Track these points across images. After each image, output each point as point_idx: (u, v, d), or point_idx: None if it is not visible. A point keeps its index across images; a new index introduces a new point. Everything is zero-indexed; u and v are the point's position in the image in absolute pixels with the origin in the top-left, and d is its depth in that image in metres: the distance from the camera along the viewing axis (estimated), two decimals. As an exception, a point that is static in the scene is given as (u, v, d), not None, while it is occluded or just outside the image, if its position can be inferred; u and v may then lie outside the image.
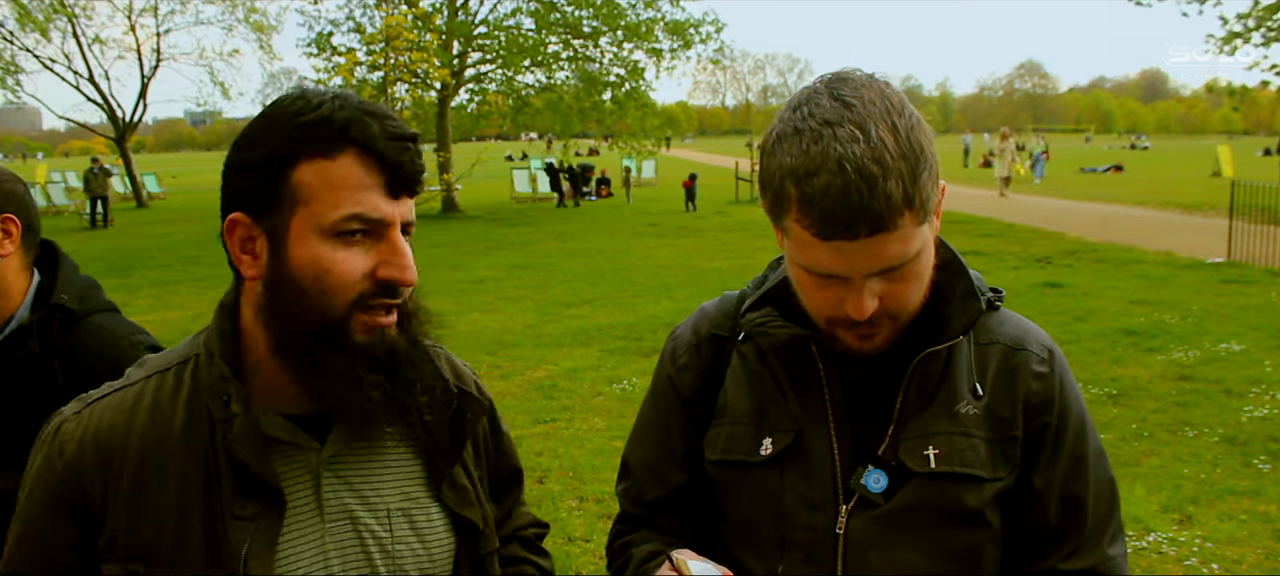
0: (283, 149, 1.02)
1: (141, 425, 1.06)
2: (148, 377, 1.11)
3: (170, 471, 1.05)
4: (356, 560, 1.11)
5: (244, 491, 1.04)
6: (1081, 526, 1.17)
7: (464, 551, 1.20)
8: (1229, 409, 5.89)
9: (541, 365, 7.53)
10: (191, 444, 1.06)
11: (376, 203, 1.03)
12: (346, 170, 1.02)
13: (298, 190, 1.02)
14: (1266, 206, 11.55)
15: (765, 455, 1.19)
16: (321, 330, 1.03)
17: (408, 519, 1.15)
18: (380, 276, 1.04)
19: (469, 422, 1.21)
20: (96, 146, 53.65)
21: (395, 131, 1.04)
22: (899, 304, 1.10)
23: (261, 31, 29.22)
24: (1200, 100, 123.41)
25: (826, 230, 1.01)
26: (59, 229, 21.10)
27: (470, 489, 1.22)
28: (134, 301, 10.80)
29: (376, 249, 1.04)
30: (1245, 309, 8.77)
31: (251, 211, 1.04)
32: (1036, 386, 1.17)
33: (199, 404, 1.07)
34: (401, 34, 18.50)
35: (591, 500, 4.76)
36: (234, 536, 1.03)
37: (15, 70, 26.96)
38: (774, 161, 1.05)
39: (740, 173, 24.26)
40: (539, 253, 14.83)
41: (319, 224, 1.02)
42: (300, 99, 1.04)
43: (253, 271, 1.06)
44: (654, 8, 23.80)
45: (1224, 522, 4.31)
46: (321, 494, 1.10)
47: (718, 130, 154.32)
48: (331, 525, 1.10)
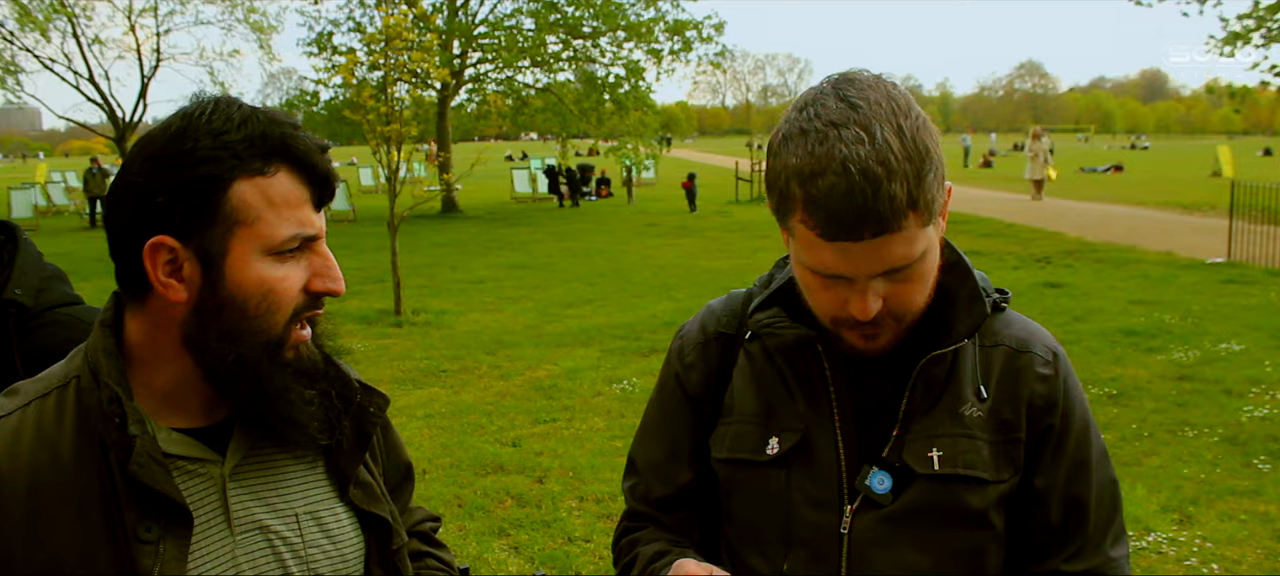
0: (216, 168, 0.98)
1: (28, 455, 1.00)
2: (24, 406, 1.04)
3: (65, 500, 0.99)
4: (271, 570, 1.08)
5: (147, 513, 1.00)
6: (1083, 527, 1.18)
7: (374, 549, 1.19)
8: (1229, 409, 5.89)
9: (541, 365, 7.53)
10: (84, 470, 1.00)
11: (309, 217, 1.04)
12: (284, 187, 1.01)
13: (237, 211, 0.99)
14: (1266, 206, 11.56)
15: (772, 454, 1.20)
16: (263, 349, 1.03)
17: (317, 521, 1.13)
18: (314, 288, 1.05)
19: (372, 418, 1.19)
20: (97, 146, 53.68)
21: (321, 144, 1.05)
22: (903, 305, 1.10)
23: (261, 32, 29.16)
24: (1200, 100, 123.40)
25: (831, 231, 1.02)
26: (59, 229, 21.12)
27: (375, 485, 1.21)
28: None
29: (308, 261, 1.05)
30: (1245, 309, 8.77)
31: (180, 234, 0.99)
32: (1041, 388, 1.18)
33: (88, 427, 1.02)
34: (401, 34, 18.47)
35: (591, 500, 4.76)
36: (143, 561, 0.99)
37: (15, 70, 26.93)
38: (780, 162, 1.06)
39: (740, 173, 24.26)
40: (539, 253, 14.83)
41: (263, 244, 1.00)
42: (217, 112, 1.01)
43: (180, 296, 1.01)
44: (654, 8, 23.78)
45: (1224, 522, 4.31)
46: (229, 507, 1.07)
47: (718, 130, 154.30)
48: (242, 537, 1.07)
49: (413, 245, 14.06)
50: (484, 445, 5.62)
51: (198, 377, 1.05)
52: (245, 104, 1.03)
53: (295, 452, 1.13)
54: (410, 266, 11.45)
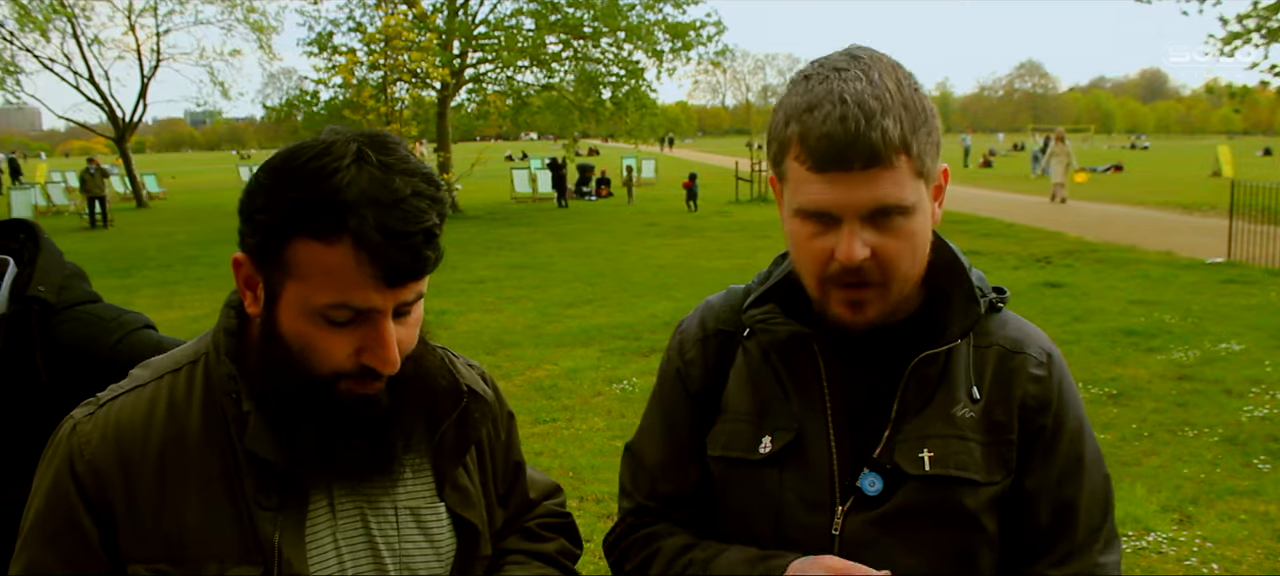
0: (282, 220, 0.99)
1: (160, 424, 1.07)
2: (158, 378, 1.11)
3: (192, 468, 1.06)
4: (365, 558, 1.12)
5: (266, 484, 1.06)
6: (1072, 531, 1.17)
7: (461, 554, 1.20)
8: (1229, 409, 5.89)
9: (541, 365, 7.53)
10: (210, 440, 1.07)
11: (367, 294, 0.99)
12: (341, 259, 0.97)
13: (292, 265, 1.00)
14: (1266, 206, 11.56)
15: (765, 453, 1.19)
16: (304, 389, 1.04)
17: (415, 518, 1.16)
18: (363, 361, 1.04)
19: (475, 423, 1.21)
20: (96, 146, 53.63)
21: (397, 229, 0.97)
22: (890, 263, 1.08)
23: (261, 31, 29.21)
24: (1200, 100, 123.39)
25: (822, 161, 1.04)
26: (59, 229, 21.11)
27: (472, 490, 1.22)
28: (134, 302, 10.79)
29: (363, 332, 1.03)
30: (1245, 309, 8.77)
31: (254, 260, 1.04)
32: (1034, 389, 1.17)
33: (213, 401, 1.08)
34: (401, 34, 18.50)
35: (591, 500, 4.76)
36: (263, 528, 1.05)
37: (15, 70, 26.95)
38: (781, 109, 1.09)
39: (740, 173, 24.26)
40: (539, 253, 14.83)
41: (308, 303, 1.01)
42: (321, 155, 0.99)
43: (254, 309, 1.07)
44: (655, 10, 23.78)
45: (1224, 522, 4.31)
46: (333, 492, 1.11)
47: (718, 130, 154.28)
48: (342, 521, 1.11)
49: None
50: (484, 445, 5.61)
51: None
52: (353, 152, 0.99)
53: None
54: (410, 266, 11.41)
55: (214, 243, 17.21)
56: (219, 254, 15.47)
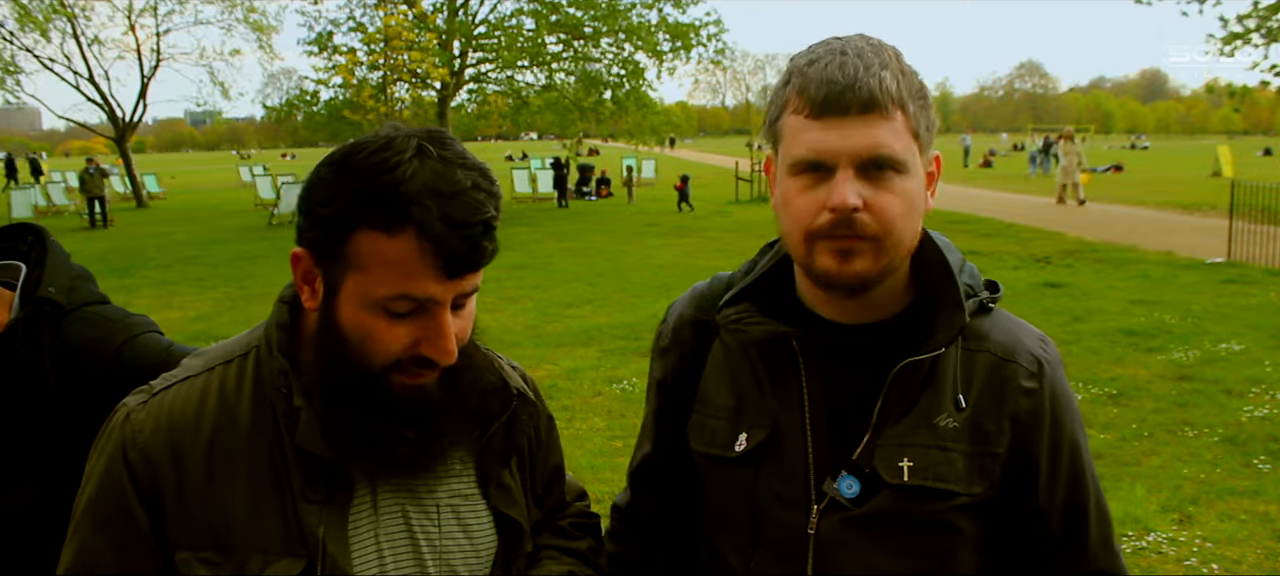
0: (345, 213, 1.00)
1: (211, 415, 1.09)
2: (209, 369, 1.13)
3: (240, 460, 1.07)
4: (405, 554, 1.13)
5: (313, 477, 1.07)
6: (1086, 535, 1.17)
7: (503, 551, 1.22)
8: (1229, 409, 5.89)
9: (541, 365, 7.53)
10: (259, 433, 1.08)
11: (427, 285, 1.02)
12: (403, 250, 0.99)
13: (353, 257, 1.02)
14: (1266, 206, 11.56)
15: (740, 450, 1.19)
16: (358, 382, 1.06)
17: (456, 515, 1.18)
18: (419, 352, 1.06)
19: (523, 426, 1.24)
20: (96, 146, 53.58)
21: (459, 219, 1.00)
22: (884, 217, 1.06)
23: (261, 31, 29.19)
24: (1200, 100, 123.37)
25: (820, 107, 1.05)
26: (59, 229, 21.10)
27: (515, 489, 1.25)
28: (134, 302, 10.78)
29: (421, 323, 1.05)
30: (1245, 309, 8.77)
31: (314, 255, 1.06)
32: (1025, 403, 1.14)
33: (263, 394, 1.10)
34: (401, 34, 18.51)
35: (592, 500, 4.76)
36: (309, 520, 1.06)
37: (15, 70, 26.94)
38: (779, 80, 1.12)
39: (740, 173, 24.26)
40: (539, 253, 14.83)
41: (368, 294, 1.02)
42: (381, 150, 1.00)
43: (311, 304, 1.08)
44: (655, 10, 23.78)
45: (1224, 522, 4.31)
46: (376, 489, 1.13)
47: (718, 130, 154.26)
48: (384, 518, 1.13)
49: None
50: (484, 445, 5.61)
51: None
52: (414, 148, 1.00)
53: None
54: (410, 266, 11.41)
55: (214, 243, 17.21)
56: (219, 254, 15.47)
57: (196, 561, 1.05)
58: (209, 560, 1.05)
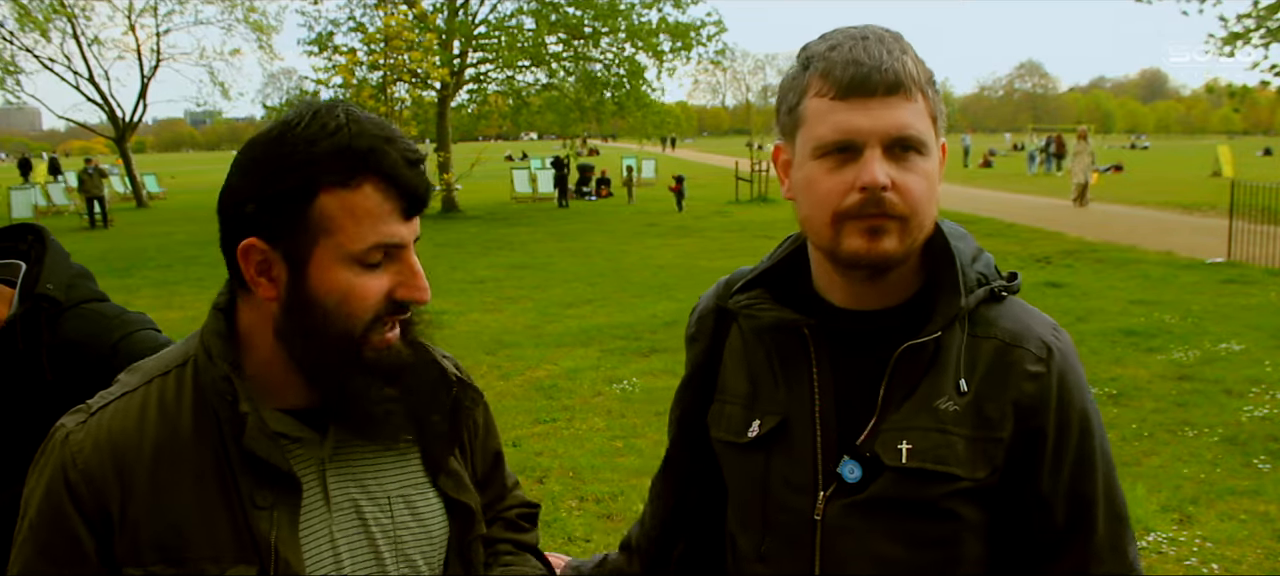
0: (302, 180, 1.02)
1: (152, 428, 1.08)
2: (147, 382, 1.12)
3: (186, 471, 1.07)
4: (362, 547, 1.14)
5: (261, 483, 1.07)
6: (1093, 529, 1.15)
7: (456, 536, 1.24)
8: (1229, 409, 5.89)
9: (541, 365, 7.53)
10: (202, 443, 1.08)
11: (396, 228, 1.06)
12: (368, 199, 1.04)
13: (321, 221, 1.03)
14: (1266, 206, 11.56)
15: (752, 437, 1.21)
16: (341, 348, 1.07)
17: (408, 505, 1.19)
18: (398, 296, 1.09)
19: (467, 411, 1.25)
20: (96, 146, 53.56)
21: (411, 156, 1.06)
22: (909, 198, 1.08)
23: (261, 31, 29.22)
24: (1200, 100, 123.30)
25: (847, 88, 1.07)
26: (59, 229, 21.09)
27: (463, 474, 1.27)
28: (134, 302, 10.78)
29: (393, 269, 1.08)
30: (1245, 309, 8.77)
31: (268, 238, 1.05)
32: (1029, 388, 1.13)
33: (205, 404, 1.09)
34: (402, 34, 18.48)
35: (591, 500, 4.76)
36: (259, 526, 1.06)
37: (15, 70, 26.95)
38: (792, 68, 1.14)
39: (740, 173, 24.25)
40: (539, 253, 14.83)
41: (344, 253, 1.04)
42: (313, 121, 1.04)
43: (270, 293, 1.07)
44: (655, 9, 23.76)
45: (1224, 522, 4.31)
46: (328, 485, 1.13)
47: (718, 130, 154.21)
48: (337, 514, 1.13)
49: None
50: (484, 445, 5.61)
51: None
52: (342, 113, 1.05)
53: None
54: (410, 266, 11.41)
55: (214, 243, 16.83)
56: (218, 254, 15.37)
57: None
58: (158, 574, 1.04)
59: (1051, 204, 20.44)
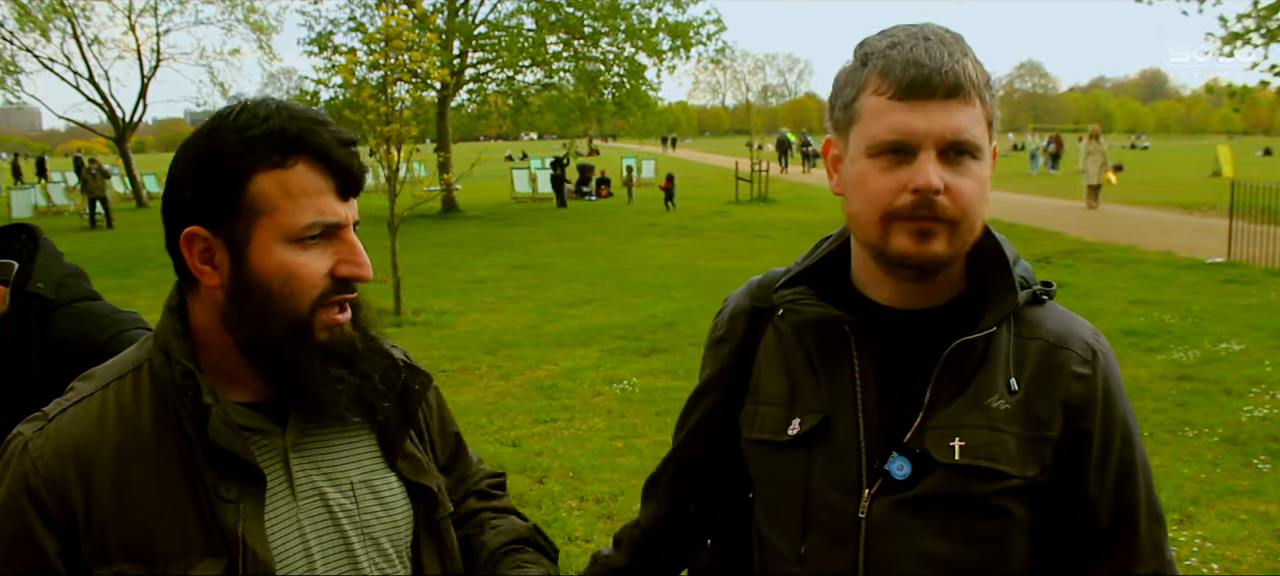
0: (238, 163, 1.06)
1: (113, 430, 1.09)
2: (103, 387, 1.13)
3: (149, 470, 1.07)
4: (330, 534, 1.16)
5: (225, 475, 1.08)
6: (1136, 531, 1.17)
7: (422, 517, 1.25)
8: (1229, 409, 5.89)
9: (541, 365, 7.53)
10: (164, 441, 1.09)
11: (333, 205, 1.10)
12: (302, 178, 1.08)
13: (257, 201, 1.07)
14: (1266, 206, 11.56)
15: (793, 435, 1.20)
16: (289, 330, 1.09)
17: (371, 490, 1.21)
18: (339, 274, 1.11)
19: (417, 395, 1.26)
20: (96, 147, 53.54)
21: (343, 137, 1.10)
22: (963, 201, 1.08)
23: (261, 31, 29.20)
24: (1200, 100, 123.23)
25: (907, 89, 1.06)
26: (59, 229, 21.11)
27: (422, 458, 1.28)
28: (133, 302, 10.78)
29: (333, 248, 1.11)
30: (1245, 309, 8.77)
31: (209, 224, 1.08)
32: (1078, 388, 1.15)
33: (164, 403, 1.10)
34: (402, 34, 18.42)
35: (591, 500, 4.76)
36: (226, 518, 1.07)
37: (15, 70, 26.94)
38: (850, 63, 1.13)
39: (740, 173, 24.25)
40: (539, 253, 14.83)
41: (282, 232, 1.07)
42: (246, 111, 1.09)
43: (214, 280, 1.10)
44: (655, 8, 23.75)
45: (1224, 522, 4.31)
46: (292, 475, 1.15)
47: (717, 130, 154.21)
48: (304, 503, 1.15)
49: (413, 245, 14.07)
50: (484, 445, 5.61)
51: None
52: (275, 103, 1.10)
53: (350, 425, 1.20)
54: (410, 266, 11.44)
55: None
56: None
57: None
58: (126, 574, 1.04)
59: (1060, 205, 20.39)
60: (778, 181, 25.69)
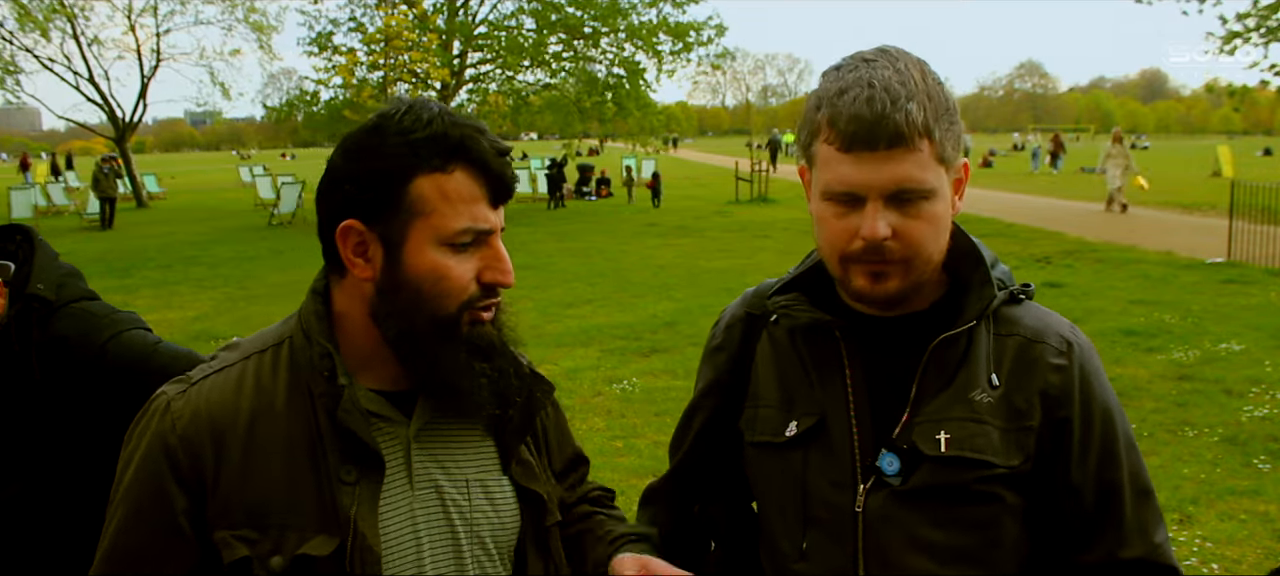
0: (400, 163, 1.10)
1: (249, 401, 1.14)
2: (245, 359, 1.18)
3: (277, 443, 1.12)
4: (440, 526, 1.19)
5: (347, 458, 1.12)
6: (1121, 514, 1.20)
7: (529, 523, 1.28)
8: (1229, 409, 5.89)
9: (541, 365, 7.45)
10: (295, 417, 1.13)
11: (485, 213, 1.13)
12: (460, 184, 1.11)
13: (416, 203, 1.10)
14: (1266, 206, 11.56)
15: (790, 436, 1.25)
16: (436, 327, 1.13)
17: (484, 489, 1.24)
18: (485, 280, 1.15)
19: (539, 402, 1.29)
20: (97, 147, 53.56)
21: (501, 147, 1.14)
22: (912, 243, 1.13)
23: (261, 31, 29.18)
24: (1200, 100, 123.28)
25: (849, 141, 1.10)
26: (59, 229, 21.11)
27: (535, 464, 1.31)
28: (134, 302, 10.78)
29: (481, 254, 1.15)
30: (1245, 309, 8.77)
31: (366, 219, 1.12)
32: (1055, 378, 1.19)
33: (299, 381, 1.15)
34: (402, 34, 18.48)
35: (591, 500, 4.76)
36: (342, 500, 1.11)
37: (15, 70, 26.94)
38: (813, 96, 1.16)
39: (740, 173, 24.25)
40: (539, 253, 14.83)
41: (437, 234, 1.11)
42: (409, 113, 1.11)
43: (366, 273, 1.14)
44: (655, 9, 23.76)
45: (1224, 522, 4.31)
46: (412, 464, 1.18)
47: (717, 130, 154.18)
48: (420, 492, 1.18)
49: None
50: (484, 445, 5.62)
51: (386, 345, 1.17)
52: (436, 106, 1.13)
53: (470, 424, 1.24)
54: (410, 266, 11.41)
55: (214, 243, 17.20)
56: (219, 254, 15.46)
57: (234, 539, 1.09)
58: (246, 537, 1.09)
59: (1051, 204, 20.31)
60: (777, 181, 25.69)
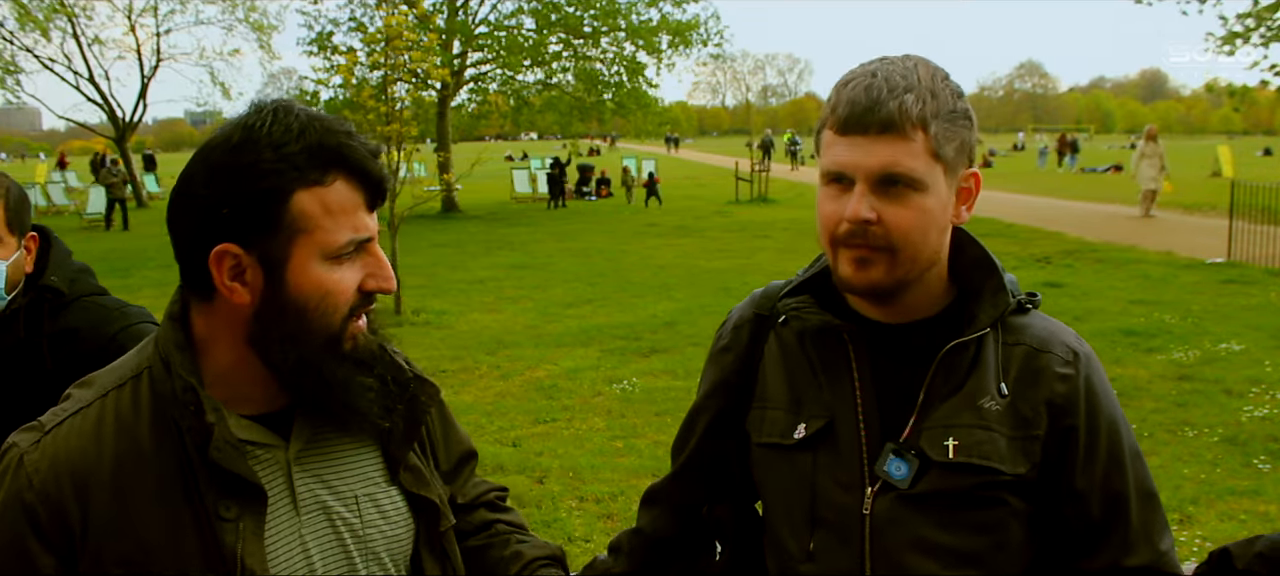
0: (278, 181, 1.02)
1: (111, 443, 1.06)
2: (102, 396, 1.09)
3: (148, 485, 1.05)
4: (332, 548, 1.15)
5: (225, 493, 1.06)
6: (1127, 522, 1.21)
7: (423, 530, 1.24)
8: (1229, 409, 5.89)
9: (541, 365, 7.53)
10: (164, 455, 1.06)
11: (364, 220, 1.09)
12: (340, 195, 1.06)
13: (298, 220, 1.04)
14: (1266, 206, 11.56)
15: (798, 438, 1.25)
16: (323, 346, 1.08)
17: (374, 503, 1.19)
18: (367, 288, 1.10)
19: (423, 406, 1.24)
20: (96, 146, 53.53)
21: (374, 149, 1.10)
22: (897, 231, 1.15)
23: (261, 31, 29.19)
24: (1200, 100, 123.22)
25: (844, 125, 1.14)
26: (60, 229, 20.92)
27: (424, 470, 1.27)
28: (135, 302, 10.76)
29: (361, 262, 1.10)
30: (1245, 309, 8.78)
31: (243, 242, 1.04)
32: (1061, 388, 1.20)
33: (164, 414, 1.07)
34: (402, 33, 18.41)
35: (591, 500, 4.76)
36: (226, 537, 1.05)
37: (15, 70, 26.94)
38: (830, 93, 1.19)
39: (740, 173, 24.25)
40: (539, 253, 14.83)
41: (321, 250, 1.05)
42: (277, 123, 1.04)
43: (244, 298, 1.06)
44: (656, 8, 23.75)
45: (1224, 522, 4.31)
46: (295, 489, 1.13)
47: (718, 130, 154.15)
48: (306, 517, 1.13)
49: (413, 245, 14.06)
50: (484, 445, 5.62)
51: (260, 368, 1.10)
52: (302, 111, 1.07)
53: (353, 437, 1.19)
54: (410, 266, 11.45)
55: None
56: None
57: None
58: None
59: (1051, 204, 20.30)
60: (777, 181, 25.70)
